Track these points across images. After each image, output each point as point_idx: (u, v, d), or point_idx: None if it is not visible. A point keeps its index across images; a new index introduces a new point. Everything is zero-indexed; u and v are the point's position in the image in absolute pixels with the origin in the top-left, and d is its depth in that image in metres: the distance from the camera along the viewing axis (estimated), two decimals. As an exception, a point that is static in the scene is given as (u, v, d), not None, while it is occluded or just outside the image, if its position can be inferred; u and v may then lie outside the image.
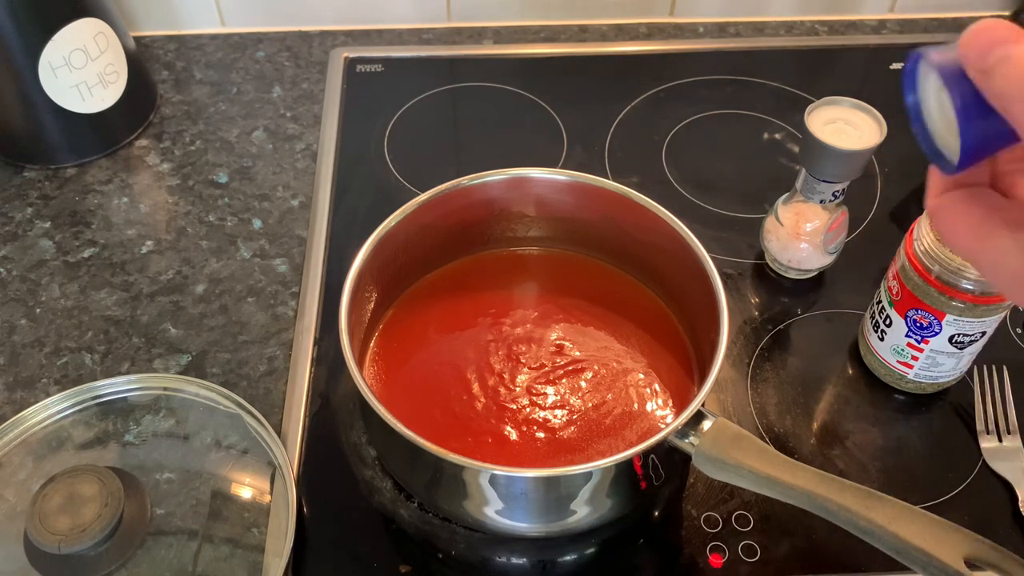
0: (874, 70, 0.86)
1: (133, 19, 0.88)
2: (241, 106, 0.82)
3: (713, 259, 0.54)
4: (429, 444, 0.46)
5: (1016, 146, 0.29)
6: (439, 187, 0.58)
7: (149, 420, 0.58)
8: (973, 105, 0.28)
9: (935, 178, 0.32)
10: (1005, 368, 0.61)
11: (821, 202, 0.61)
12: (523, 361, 0.58)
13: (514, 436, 0.54)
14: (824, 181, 0.60)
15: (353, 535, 0.55)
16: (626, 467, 0.48)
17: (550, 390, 0.57)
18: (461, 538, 0.55)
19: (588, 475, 0.48)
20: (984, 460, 0.58)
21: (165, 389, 0.59)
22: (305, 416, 0.60)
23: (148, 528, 0.53)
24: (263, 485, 0.55)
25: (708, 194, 0.74)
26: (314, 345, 0.64)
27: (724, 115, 0.82)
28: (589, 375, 0.57)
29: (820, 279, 0.68)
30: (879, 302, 0.59)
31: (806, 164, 0.60)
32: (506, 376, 0.57)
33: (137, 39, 0.84)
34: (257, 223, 0.73)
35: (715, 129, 0.80)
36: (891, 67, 0.86)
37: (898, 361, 0.59)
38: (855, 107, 0.58)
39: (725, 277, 0.64)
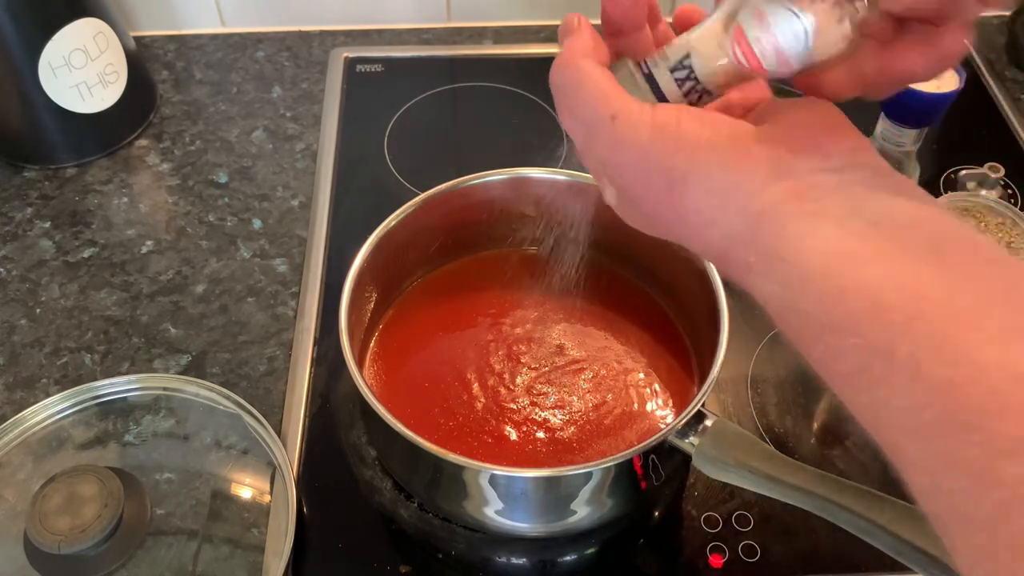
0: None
1: (133, 19, 0.87)
2: (241, 106, 0.82)
3: (713, 259, 0.54)
4: (429, 444, 0.46)
5: None
6: (439, 187, 0.58)
7: (149, 420, 0.58)
8: None
9: None
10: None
11: (899, 147, 0.70)
12: (523, 361, 0.58)
13: (514, 436, 0.54)
14: (903, 126, 0.69)
15: (353, 535, 0.55)
16: (626, 467, 0.48)
17: (550, 390, 0.57)
18: (461, 538, 0.55)
19: (588, 475, 0.48)
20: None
21: (165, 389, 0.59)
22: (305, 416, 0.60)
23: (148, 528, 0.53)
24: (263, 485, 0.55)
25: (708, 194, 0.74)
26: (314, 345, 0.64)
27: (724, 115, 0.82)
28: (589, 375, 0.57)
29: (820, 279, 0.68)
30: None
31: (887, 111, 0.70)
32: (506, 376, 0.57)
33: (137, 39, 0.84)
34: (257, 223, 0.73)
35: (715, 129, 0.80)
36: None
37: (898, 361, 0.59)
38: None
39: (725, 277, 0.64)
